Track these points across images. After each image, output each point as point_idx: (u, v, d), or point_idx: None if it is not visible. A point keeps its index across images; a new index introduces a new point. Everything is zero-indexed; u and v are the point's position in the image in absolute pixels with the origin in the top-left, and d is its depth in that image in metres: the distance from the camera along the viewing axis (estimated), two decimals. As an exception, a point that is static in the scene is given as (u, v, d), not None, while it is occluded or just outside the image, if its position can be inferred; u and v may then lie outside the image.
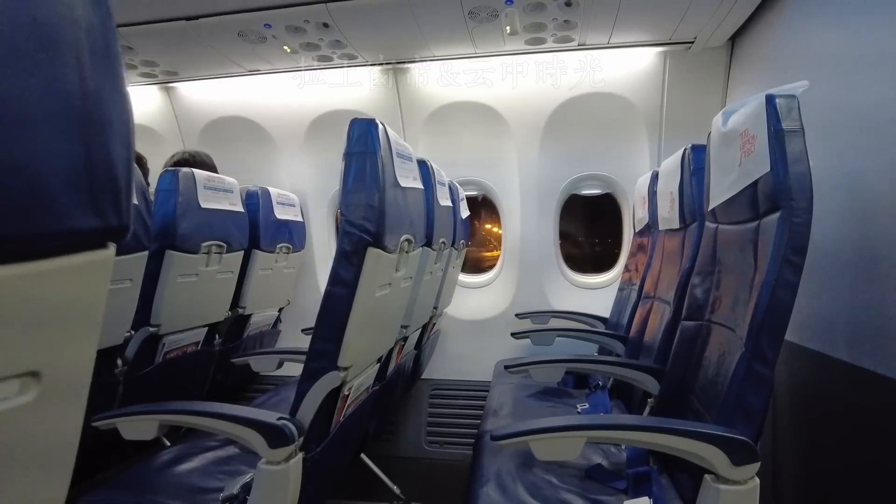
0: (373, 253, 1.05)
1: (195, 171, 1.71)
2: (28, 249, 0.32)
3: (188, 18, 1.92)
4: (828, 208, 1.24)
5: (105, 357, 1.49)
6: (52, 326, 0.36)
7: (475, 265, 2.95)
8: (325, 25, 1.93)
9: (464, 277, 2.73)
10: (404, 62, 2.35)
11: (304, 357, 1.08)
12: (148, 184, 1.65)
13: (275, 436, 0.98)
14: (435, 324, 2.27)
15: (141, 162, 2.14)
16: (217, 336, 2.07)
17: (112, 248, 0.40)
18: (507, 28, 1.96)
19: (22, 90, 0.30)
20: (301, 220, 2.55)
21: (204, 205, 1.73)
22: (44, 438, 0.37)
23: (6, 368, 0.33)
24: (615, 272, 2.64)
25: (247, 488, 1.04)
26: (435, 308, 2.02)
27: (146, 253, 1.49)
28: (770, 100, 0.95)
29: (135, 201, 1.44)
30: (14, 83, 0.30)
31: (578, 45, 2.15)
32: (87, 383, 0.40)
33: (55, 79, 0.32)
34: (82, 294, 0.38)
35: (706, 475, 0.91)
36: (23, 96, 0.30)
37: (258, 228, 2.14)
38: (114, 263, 0.41)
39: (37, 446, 0.36)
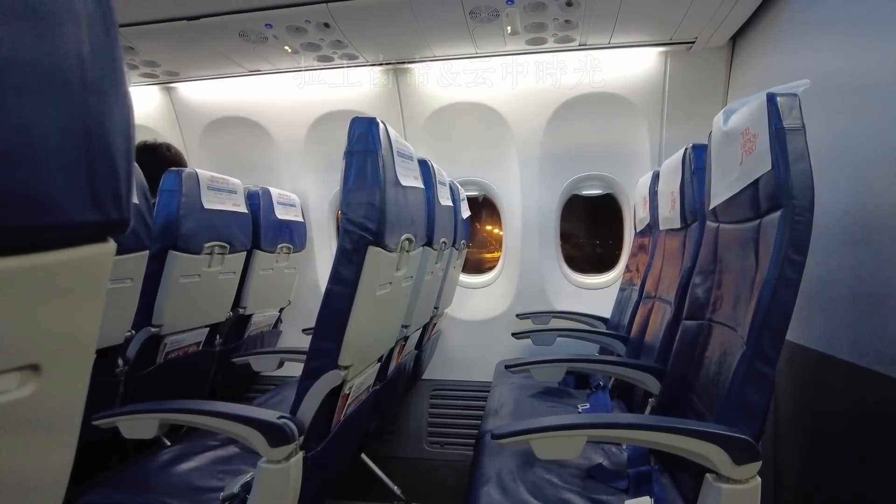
0: (373, 252, 1.05)
1: (199, 171, 1.71)
2: (27, 242, 0.32)
3: (189, 18, 1.92)
4: (830, 205, 1.24)
5: (105, 356, 1.50)
6: (52, 319, 0.36)
7: (476, 267, 2.95)
8: (326, 25, 1.93)
9: (464, 278, 2.73)
10: (405, 62, 2.35)
11: (304, 356, 1.08)
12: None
13: (275, 434, 0.98)
14: (436, 324, 2.27)
15: (180, 160, 2.09)
16: (218, 336, 2.07)
17: (112, 243, 0.40)
18: (508, 28, 1.96)
19: (22, 84, 0.30)
20: (302, 220, 2.55)
21: (207, 205, 1.73)
22: (44, 431, 0.37)
23: (6, 361, 0.33)
24: (616, 272, 2.63)
25: (247, 487, 1.03)
26: (436, 308, 2.02)
27: (147, 252, 1.49)
28: (771, 98, 0.95)
29: (135, 200, 1.45)
30: (13, 74, 0.30)
31: (579, 45, 2.15)
32: (87, 378, 0.40)
33: (55, 72, 0.32)
34: (82, 288, 0.38)
35: (707, 474, 0.91)
36: (21, 88, 0.30)
37: (259, 228, 2.14)
38: (114, 263, 0.40)
39: (37, 440, 0.36)
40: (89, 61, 0.34)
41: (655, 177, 1.93)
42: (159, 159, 2.01)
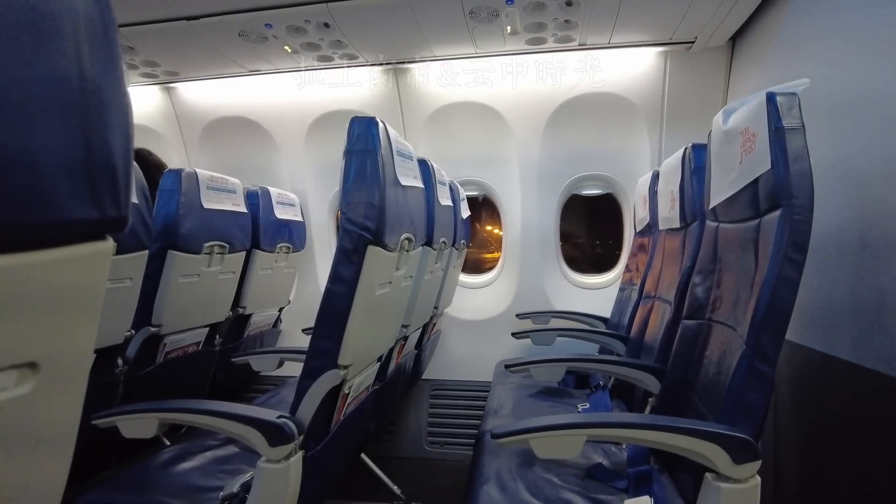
0: (373, 251, 1.05)
1: (198, 171, 1.71)
2: (26, 239, 0.32)
3: (189, 18, 1.92)
4: (829, 206, 1.24)
5: (105, 356, 1.50)
6: (51, 318, 0.36)
7: (476, 266, 2.95)
8: (326, 25, 1.93)
9: (464, 278, 2.73)
10: (405, 62, 2.35)
11: (304, 356, 1.08)
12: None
13: (275, 434, 0.98)
14: (435, 324, 2.26)
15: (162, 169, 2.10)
16: (218, 336, 2.07)
17: (111, 241, 0.40)
18: (508, 28, 1.96)
19: (21, 80, 0.30)
20: (301, 219, 2.55)
21: (206, 205, 1.73)
22: (42, 429, 0.37)
23: (4, 359, 0.33)
24: (616, 272, 2.63)
25: (247, 487, 1.03)
26: (435, 308, 2.02)
27: (146, 252, 1.49)
28: (771, 98, 0.95)
29: (134, 200, 1.45)
30: (13, 73, 0.30)
31: (579, 45, 2.15)
32: (85, 375, 0.40)
33: (54, 69, 0.32)
34: (81, 286, 0.38)
35: (707, 473, 0.91)
36: (22, 86, 0.30)
37: (258, 228, 2.15)
38: (114, 262, 0.40)
39: (35, 436, 0.36)
40: (88, 60, 0.34)
41: (655, 176, 1.93)
42: (143, 163, 2.03)
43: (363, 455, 1.90)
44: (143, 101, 2.68)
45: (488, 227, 3.09)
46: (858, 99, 1.19)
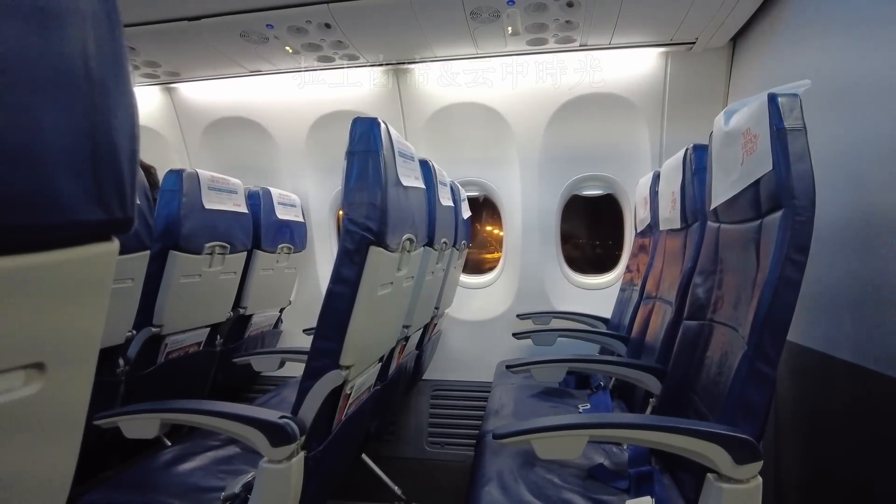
0: (375, 251, 1.05)
1: (199, 171, 1.71)
2: (33, 241, 0.32)
3: (190, 19, 1.92)
4: (830, 205, 1.24)
5: (106, 356, 1.50)
6: (57, 319, 0.36)
7: (476, 267, 2.95)
8: (327, 26, 1.93)
9: (465, 278, 2.73)
10: (405, 62, 2.35)
11: (305, 356, 1.08)
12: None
13: (276, 434, 0.98)
14: (436, 324, 2.27)
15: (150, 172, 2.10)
16: (219, 336, 2.07)
17: (116, 242, 0.40)
18: (509, 28, 1.96)
19: (27, 80, 0.30)
20: (302, 220, 2.55)
21: (208, 206, 1.73)
22: (49, 427, 0.37)
23: (11, 359, 0.33)
24: (616, 273, 2.63)
25: (248, 487, 1.04)
26: (436, 308, 2.02)
27: (147, 252, 1.49)
28: (772, 99, 0.95)
29: (136, 200, 1.45)
30: (19, 74, 0.30)
31: (580, 45, 2.15)
32: (90, 377, 0.40)
33: (61, 71, 0.32)
34: (87, 286, 0.38)
35: (708, 474, 0.91)
36: (28, 87, 0.30)
37: (259, 229, 2.15)
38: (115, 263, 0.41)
39: (43, 434, 0.36)
40: (94, 60, 0.34)
41: (656, 177, 1.93)
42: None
43: (364, 455, 1.90)
44: (144, 101, 2.67)
45: (489, 228, 3.09)
46: (859, 98, 1.19)
